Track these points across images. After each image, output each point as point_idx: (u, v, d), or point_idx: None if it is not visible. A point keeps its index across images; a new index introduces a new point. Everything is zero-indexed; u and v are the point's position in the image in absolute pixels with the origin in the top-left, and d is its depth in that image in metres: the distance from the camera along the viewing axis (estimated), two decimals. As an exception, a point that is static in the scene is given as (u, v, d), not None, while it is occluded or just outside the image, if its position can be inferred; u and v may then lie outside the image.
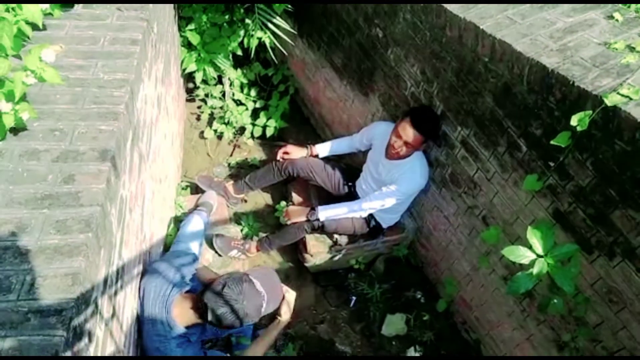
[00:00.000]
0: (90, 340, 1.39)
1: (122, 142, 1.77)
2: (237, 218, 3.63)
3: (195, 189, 3.65)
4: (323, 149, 3.43)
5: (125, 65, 1.99)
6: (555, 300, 2.21)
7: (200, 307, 2.11)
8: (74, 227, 1.42)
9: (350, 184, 3.37)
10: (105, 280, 1.57)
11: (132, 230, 1.98)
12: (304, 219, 3.16)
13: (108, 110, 1.79)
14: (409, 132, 2.71)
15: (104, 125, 1.73)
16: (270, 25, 3.22)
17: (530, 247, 2.04)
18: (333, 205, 3.15)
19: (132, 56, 2.04)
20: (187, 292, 2.26)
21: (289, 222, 3.24)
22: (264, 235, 3.46)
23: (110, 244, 1.64)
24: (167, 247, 2.91)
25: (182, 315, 2.16)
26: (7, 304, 1.25)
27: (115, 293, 1.71)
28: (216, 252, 3.22)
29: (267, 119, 4.13)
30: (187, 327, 2.18)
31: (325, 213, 3.11)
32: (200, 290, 2.18)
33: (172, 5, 3.23)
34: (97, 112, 1.77)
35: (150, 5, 2.37)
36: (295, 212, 3.23)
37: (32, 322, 1.22)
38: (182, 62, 3.61)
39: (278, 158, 3.43)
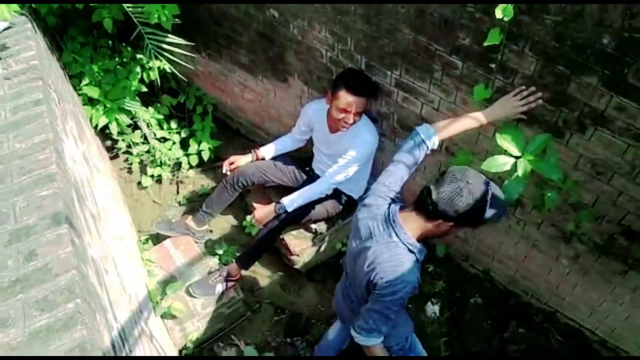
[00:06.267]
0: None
1: (69, 201, 1.61)
2: (209, 250, 3.46)
3: (156, 238, 3.45)
4: (268, 150, 3.31)
5: (39, 126, 1.82)
6: (548, 194, 2.21)
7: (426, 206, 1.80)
8: (57, 299, 1.26)
9: (307, 168, 3.28)
10: (113, 345, 1.41)
11: (116, 291, 1.81)
12: (273, 215, 3.03)
13: (41, 175, 1.62)
14: (352, 101, 2.65)
15: (44, 191, 1.57)
16: (164, 47, 3.06)
17: (505, 152, 2.02)
18: (297, 192, 3.03)
19: (42, 116, 1.87)
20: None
21: (261, 227, 3.10)
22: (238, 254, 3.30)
23: (102, 307, 1.48)
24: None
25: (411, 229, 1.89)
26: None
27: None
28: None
29: (199, 144, 3.97)
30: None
31: (292, 201, 2.99)
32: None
33: (58, 64, 3.02)
34: (30, 181, 1.60)
35: (36, 61, 2.18)
36: (263, 214, 3.08)
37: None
38: (91, 119, 3.39)
39: (224, 171, 3.28)
